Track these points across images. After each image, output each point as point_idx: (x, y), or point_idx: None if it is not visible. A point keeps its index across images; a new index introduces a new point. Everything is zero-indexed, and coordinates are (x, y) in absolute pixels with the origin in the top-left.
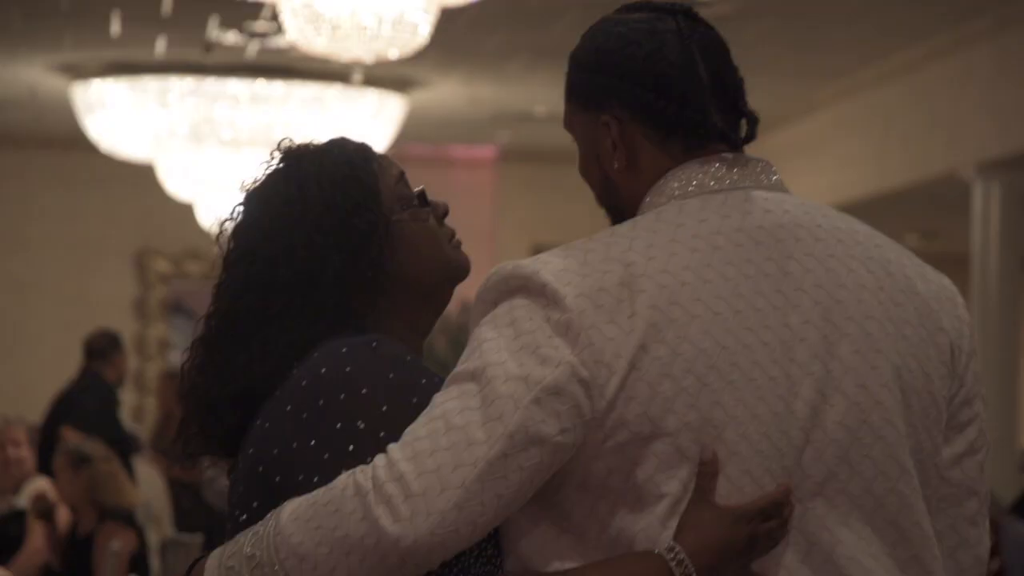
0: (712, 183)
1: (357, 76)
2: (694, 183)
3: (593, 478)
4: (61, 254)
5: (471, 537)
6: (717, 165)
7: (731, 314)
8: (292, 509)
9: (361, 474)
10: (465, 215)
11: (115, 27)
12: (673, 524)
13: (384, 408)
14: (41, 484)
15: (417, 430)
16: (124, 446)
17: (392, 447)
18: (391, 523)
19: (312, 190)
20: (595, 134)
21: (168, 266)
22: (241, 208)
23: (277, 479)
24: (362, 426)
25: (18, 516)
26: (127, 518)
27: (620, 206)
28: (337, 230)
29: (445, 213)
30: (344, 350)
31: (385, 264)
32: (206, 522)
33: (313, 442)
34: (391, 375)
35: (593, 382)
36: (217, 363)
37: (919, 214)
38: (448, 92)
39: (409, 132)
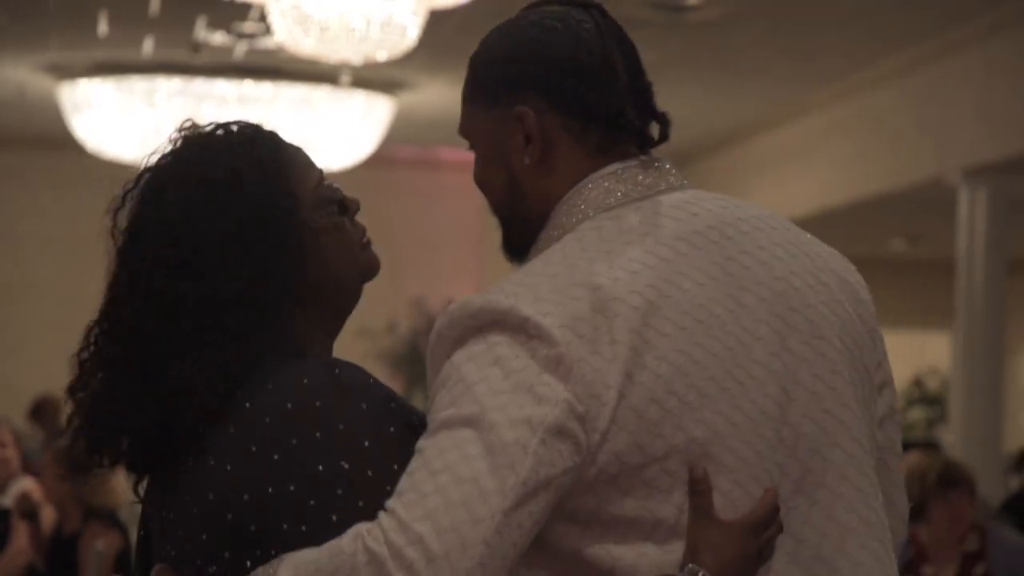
0: (634, 191)
1: (345, 77)
2: (618, 192)
3: (582, 511)
4: (50, 254)
5: None
6: (635, 170)
7: (696, 326)
8: (293, 573)
9: (371, 540)
10: (452, 217)
11: (102, 27)
12: (675, 546)
13: (366, 444)
14: (26, 484)
15: (421, 486)
16: None
17: (396, 507)
18: None
19: (226, 199)
20: (503, 131)
21: None
22: (142, 194)
23: (252, 528)
24: (347, 467)
25: (3, 515)
26: (112, 518)
27: (524, 211)
28: (254, 243)
29: (356, 210)
30: (305, 381)
31: (305, 275)
32: None
33: (293, 487)
34: (364, 406)
35: (587, 416)
36: (130, 390)
37: (905, 219)
38: (436, 94)
39: (397, 134)
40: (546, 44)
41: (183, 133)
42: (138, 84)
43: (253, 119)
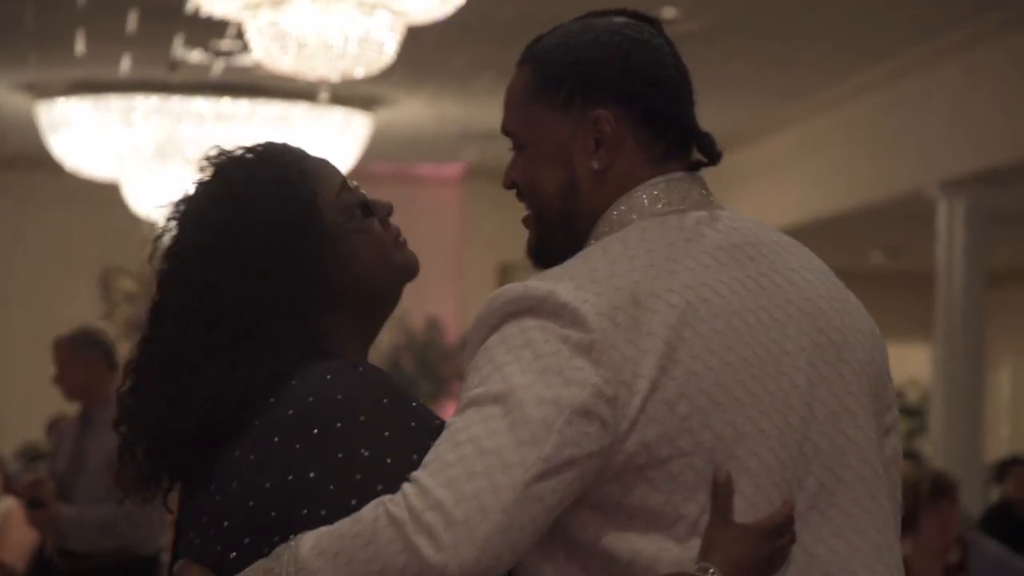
0: (680, 203)
1: (323, 94)
2: (665, 201)
3: (607, 500)
4: (26, 272)
5: (510, 563)
6: (683, 183)
7: (730, 331)
8: (313, 543)
9: (392, 505)
10: (431, 233)
11: (80, 46)
12: (693, 544)
13: (386, 434)
14: (8, 504)
15: (445, 456)
16: None
17: (420, 475)
18: (434, 552)
19: (249, 212)
20: (572, 133)
21: (133, 285)
22: (175, 226)
23: (273, 514)
24: (366, 454)
25: None
26: None
27: (575, 213)
28: (280, 253)
29: (389, 213)
30: (328, 376)
31: (334, 281)
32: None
33: (313, 474)
34: (385, 400)
35: (616, 402)
36: (171, 395)
37: (884, 232)
38: (414, 110)
39: (375, 150)
40: (632, 54)
41: (210, 159)
42: (116, 103)
43: (231, 137)
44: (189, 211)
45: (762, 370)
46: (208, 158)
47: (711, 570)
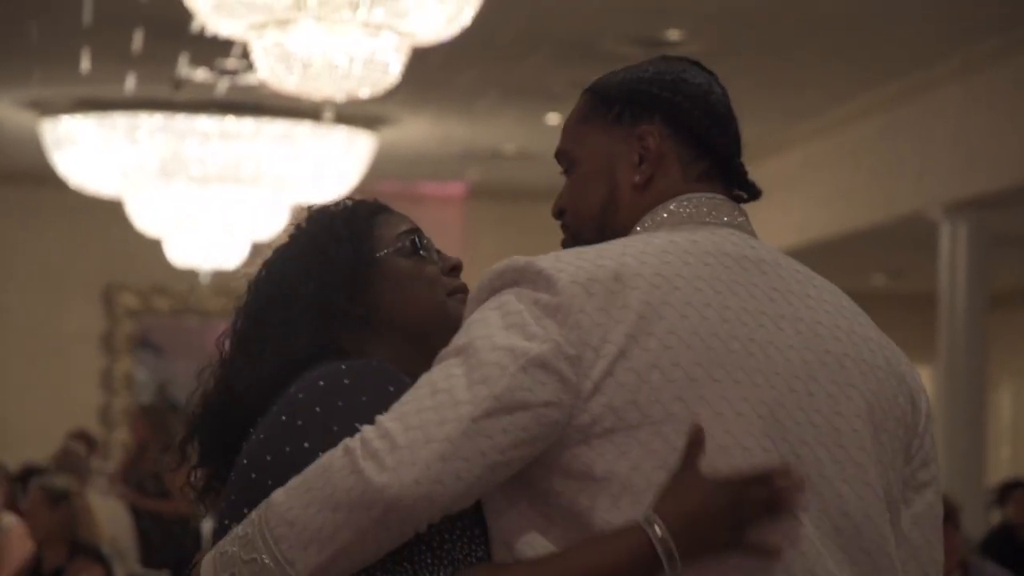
0: (704, 216)
1: (327, 113)
2: (690, 211)
3: (578, 464)
4: (29, 288)
5: (455, 492)
6: (714, 202)
7: (719, 322)
8: (282, 490)
9: (349, 439)
10: None
11: (84, 64)
12: None
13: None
14: (8, 520)
15: (403, 399)
16: None
17: (379, 417)
18: (377, 473)
19: (305, 233)
20: (618, 147)
21: (136, 301)
22: (260, 269)
23: (269, 483)
24: (359, 427)
25: None
26: (96, 553)
27: (612, 226)
28: (312, 256)
29: (454, 268)
30: (343, 367)
31: (370, 300)
32: (173, 557)
33: (306, 444)
34: (391, 387)
35: (579, 361)
36: (208, 389)
37: (886, 253)
38: (418, 130)
39: (379, 169)
40: (681, 79)
41: (307, 213)
42: (120, 120)
43: (235, 155)
44: (276, 251)
45: (752, 364)
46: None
47: (653, 518)
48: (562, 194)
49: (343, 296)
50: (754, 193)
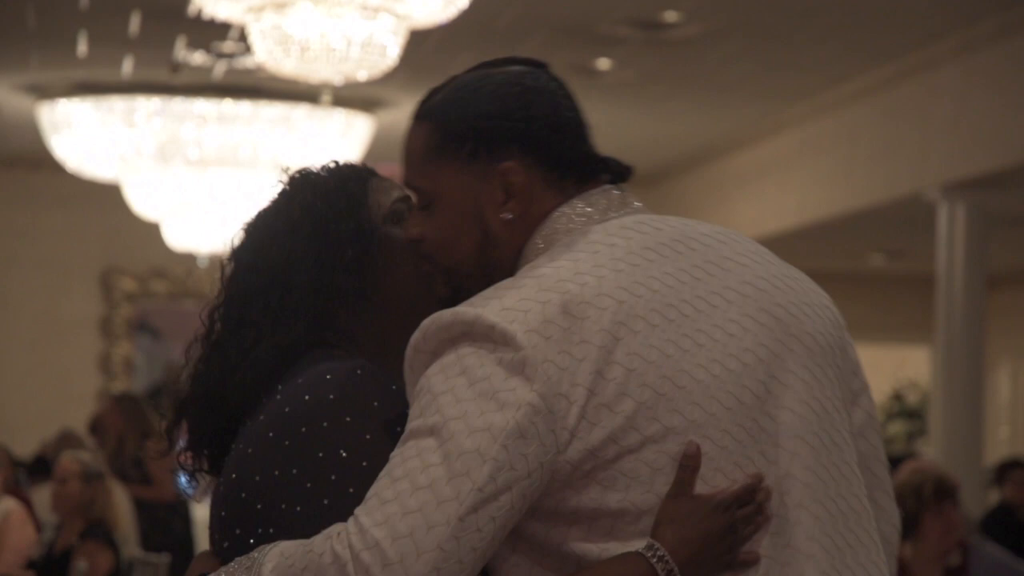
0: (596, 214)
1: (325, 96)
2: (583, 216)
3: (563, 506)
4: (27, 273)
5: None
6: (597, 197)
7: (666, 323)
8: (274, 564)
9: (337, 541)
10: None
11: (82, 47)
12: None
13: (367, 436)
14: (9, 504)
15: (382, 492)
16: None
17: (359, 512)
18: None
19: (297, 201)
20: (480, 186)
21: (134, 285)
22: (241, 234)
23: (259, 506)
24: (344, 455)
25: None
26: (107, 536)
27: (494, 262)
28: (312, 235)
29: None
30: (328, 377)
31: (369, 275)
32: (167, 541)
33: (295, 471)
34: (376, 403)
35: (555, 416)
36: (198, 371)
37: (885, 234)
38: None
39: (377, 152)
40: (531, 102)
41: (288, 174)
42: (117, 104)
43: (232, 138)
44: (254, 218)
45: (707, 356)
46: (284, 171)
47: (655, 546)
48: (417, 224)
49: (344, 273)
50: (623, 168)
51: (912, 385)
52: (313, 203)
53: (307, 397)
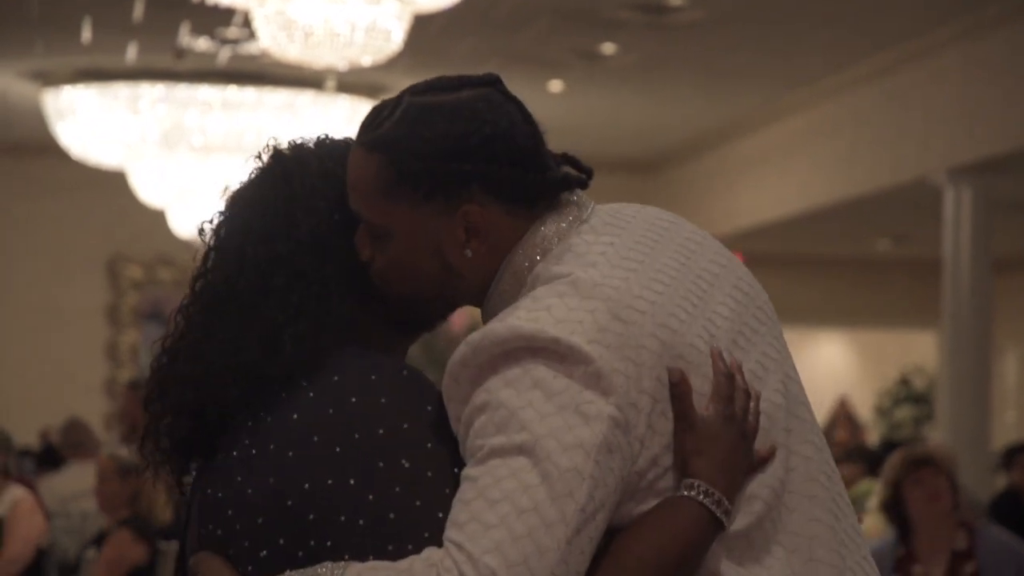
0: (578, 218)
1: (330, 82)
2: (565, 224)
3: (628, 520)
4: (33, 261)
5: None
6: (567, 207)
7: (689, 317)
8: None
9: (446, 571)
10: None
11: (86, 34)
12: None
13: (428, 446)
14: (17, 493)
15: (483, 516)
16: None
17: (463, 540)
18: None
19: (297, 190)
20: (436, 225)
21: (140, 272)
22: (224, 209)
23: (311, 516)
24: (407, 465)
25: None
26: (142, 528)
27: (459, 290)
28: (318, 229)
29: None
30: (373, 377)
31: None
32: (179, 530)
33: (352, 481)
34: (429, 408)
35: (628, 425)
36: (188, 349)
37: (890, 219)
38: None
39: None
40: (488, 139)
41: (268, 147)
42: (122, 90)
43: (237, 125)
44: (241, 194)
45: (722, 344)
46: (266, 146)
47: (694, 484)
48: (368, 247)
49: (353, 265)
50: (586, 171)
51: (919, 370)
52: (315, 195)
53: (353, 399)
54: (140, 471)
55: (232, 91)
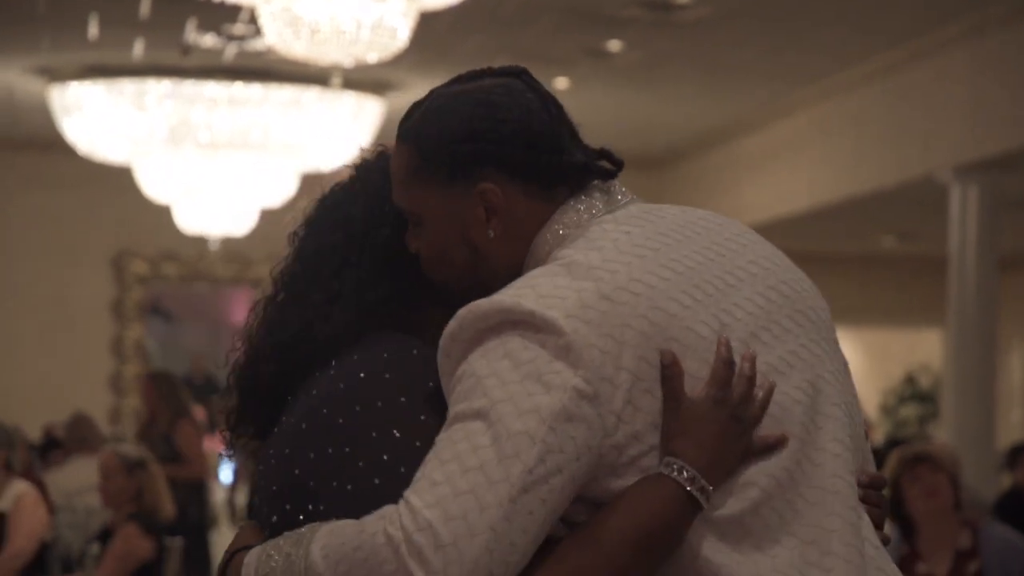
0: (603, 209)
1: (335, 79)
2: (586, 214)
3: (610, 494)
4: (39, 257)
5: (507, 573)
6: (596, 194)
7: (696, 304)
8: (323, 544)
9: (390, 523)
10: None
11: (93, 30)
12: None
13: (422, 417)
14: (21, 487)
15: (432, 474)
16: None
17: (410, 495)
18: (424, 575)
19: (359, 188)
20: (461, 207)
21: (145, 268)
22: (314, 210)
23: (311, 484)
24: (398, 435)
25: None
26: (150, 524)
27: (491, 274)
28: (370, 224)
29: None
30: (385, 355)
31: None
32: (186, 526)
33: (347, 449)
34: (431, 384)
35: (600, 400)
36: (248, 333)
37: (896, 216)
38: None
39: (387, 135)
40: (502, 121)
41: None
42: (128, 86)
43: (243, 121)
44: (327, 201)
45: (736, 336)
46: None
47: (674, 462)
48: (415, 240)
49: (406, 260)
50: (615, 162)
51: (924, 368)
52: (377, 187)
53: (362, 375)
54: (143, 465)
55: (238, 87)
